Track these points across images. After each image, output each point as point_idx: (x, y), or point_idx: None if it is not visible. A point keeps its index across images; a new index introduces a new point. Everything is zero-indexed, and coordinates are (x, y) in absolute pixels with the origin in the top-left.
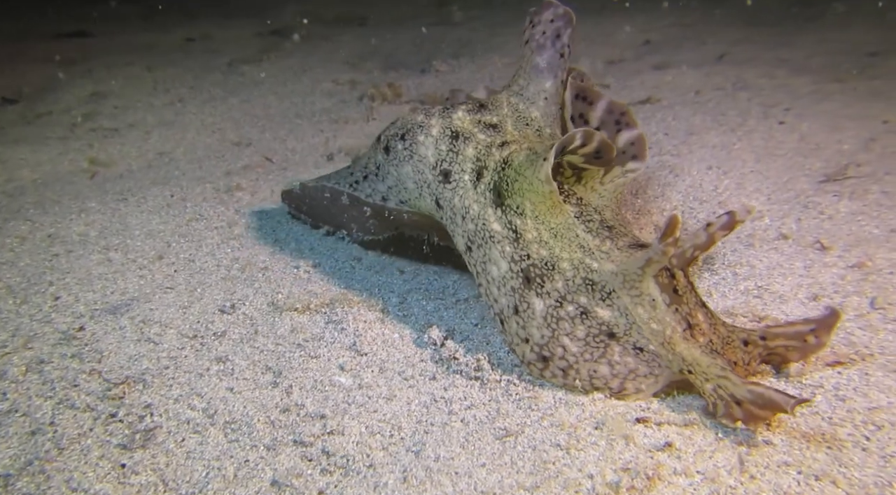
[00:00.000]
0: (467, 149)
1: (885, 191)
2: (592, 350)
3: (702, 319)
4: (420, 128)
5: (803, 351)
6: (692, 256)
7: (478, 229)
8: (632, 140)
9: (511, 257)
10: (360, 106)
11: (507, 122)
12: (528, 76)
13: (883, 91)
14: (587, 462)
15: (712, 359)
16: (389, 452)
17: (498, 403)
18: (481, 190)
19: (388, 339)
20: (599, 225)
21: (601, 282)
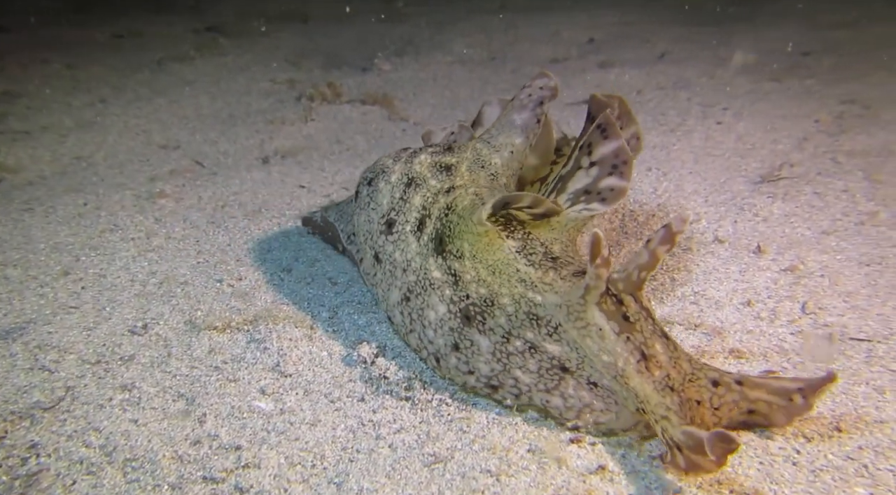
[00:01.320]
0: (415, 197)
1: (817, 191)
2: (546, 381)
3: (659, 350)
4: (383, 175)
5: (788, 412)
6: (640, 278)
7: (418, 280)
8: (614, 187)
9: (450, 299)
10: (298, 106)
11: (462, 164)
12: (501, 127)
13: (815, 90)
14: (518, 489)
15: (661, 397)
16: (310, 485)
17: (429, 425)
18: (424, 241)
19: (315, 358)
20: (543, 257)
21: (546, 317)
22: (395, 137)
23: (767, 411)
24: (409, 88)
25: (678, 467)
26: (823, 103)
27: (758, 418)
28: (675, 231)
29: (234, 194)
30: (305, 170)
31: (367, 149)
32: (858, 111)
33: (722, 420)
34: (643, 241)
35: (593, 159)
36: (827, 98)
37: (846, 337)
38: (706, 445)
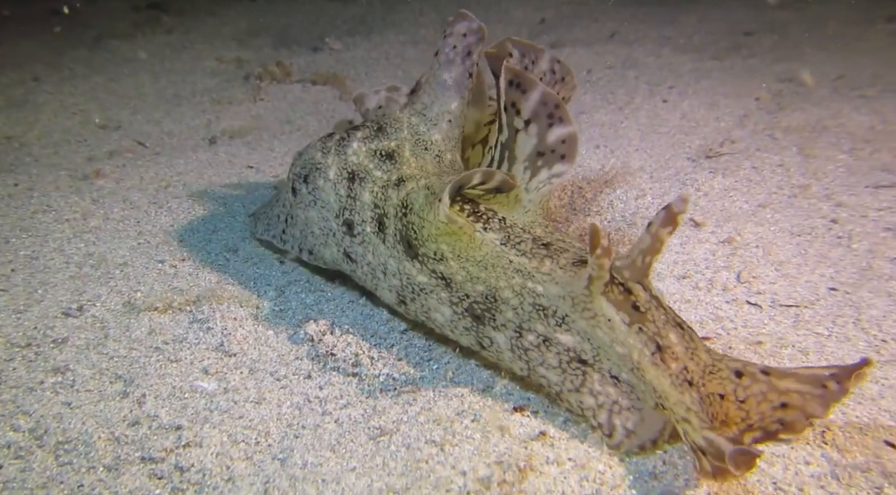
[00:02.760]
0: (364, 194)
1: (755, 166)
2: (572, 377)
3: (674, 341)
4: (318, 171)
5: (824, 400)
6: (645, 264)
7: (404, 284)
8: (563, 137)
9: (450, 301)
10: (246, 85)
11: (405, 147)
12: (433, 93)
13: (757, 68)
14: (461, 458)
15: (680, 394)
16: (253, 462)
17: (375, 400)
18: (390, 243)
19: (260, 337)
20: (533, 244)
21: (551, 307)
22: (347, 117)
23: (802, 402)
24: (361, 68)
25: (707, 475)
26: (763, 82)
27: (793, 413)
28: (677, 211)
29: (179, 175)
30: (254, 150)
31: (319, 129)
32: (795, 89)
33: (751, 415)
34: (645, 225)
35: (525, 117)
36: (767, 76)
37: (777, 303)
38: (727, 460)
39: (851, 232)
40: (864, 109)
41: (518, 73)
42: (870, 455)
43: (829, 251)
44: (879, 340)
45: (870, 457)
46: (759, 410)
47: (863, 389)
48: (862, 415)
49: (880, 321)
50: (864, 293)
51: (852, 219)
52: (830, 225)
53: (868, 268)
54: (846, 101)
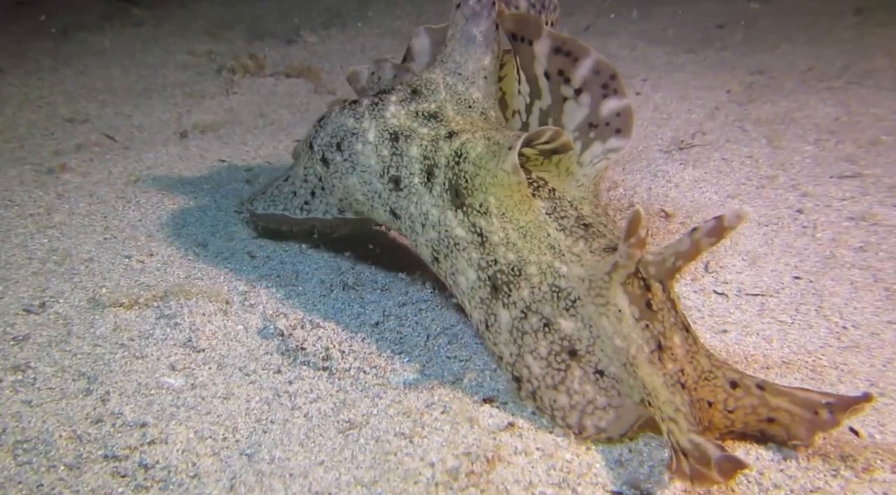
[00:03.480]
0: (411, 148)
1: (725, 157)
2: (554, 372)
3: (677, 343)
4: (355, 136)
5: (811, 426)
6: (675, 267)
7: (441, 237)
8: (618, 110)
9: (478, 264)
10: (218, 79)
11: (447, 107)
12: (464, 51)
13: (728, 61)
14: (430, 449)
15: (671, 394)
16: (220, 458)
17: (345, 393)
18: (437, 192)
19: (229, 332)
20: (575, 222)
21: (567, 289)
22: (322, 111)
23: (789, 422)
24: (335, 61)
25: (683, 475)
26: (735, 74)
27: (777, 429)
28: (727, 226)
29: (148, 169)
30: (226, 144)
31: (293, 122)
32: (766, 81)
33: (735, 424)
34: (689, 229)
35: (576, 86)
36: (738, 69)
37: (743, 293)
38: (713, 464)
39: (816, 221)
40: (831, 101)
41: (566, 40)
42: (830, 439)
43: (795, 240)
44: (840, 327)
45: (830, 441)
46: (744, 420)
47: (823, 376)
48: None
49: (841, 308)
50: (826, 281)
51: (817, 209)
52: (796, 215)
53: (831, 256)
54: (814, 93)
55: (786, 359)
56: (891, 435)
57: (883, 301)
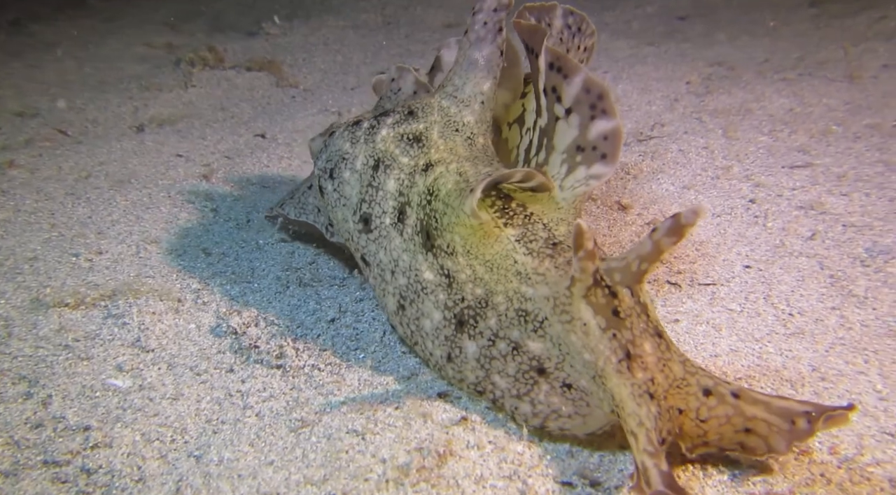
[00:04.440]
0: (388, 181)
1: (682, 149)
2: (520, 386)
3: (648, 350)
4: (345, 162)
5: (788, 437)
6: (640, 270)
7: (410, 283)
8: (605, 133)
9: (444, 305)
10: (177, 71)
11: (433, 130)
12: (465, 74)
13: (689, 53)
14: (382, 446)
15: (636, 406)
16: (167, 460)
17: (299, 391)
18: (408, 235)
19: (181, 331)
20: (544, 243)
21: (534, 311)
22: (284, 104)
23: (766, 433)
24: (298, 53)
25: (641, 492)
26: (695, 66)
27: (756, 441)
28: (685, 223)
29: (101, 164)
30: (184, 138)
31: (254, 116)
32: (724, 73)
33: (709, 434)
34: (648, 230)
35: (566, 105)
36: (698, 60)
37: (695, 282)
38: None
39: (767, 211)
40: (785, 92)
41: (559, 56)
42: None
43: (747, 230)
44: (787, 314)
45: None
46: (718, 431)
47: (768, 362)
48: (766, 386)
49: (788, 296)
50: (775, 270)
51: (769, 199)
52: (749, 205)
53: (781, 245)
54: (769, 84)
55: (734, 346)
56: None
57: (828, 288)
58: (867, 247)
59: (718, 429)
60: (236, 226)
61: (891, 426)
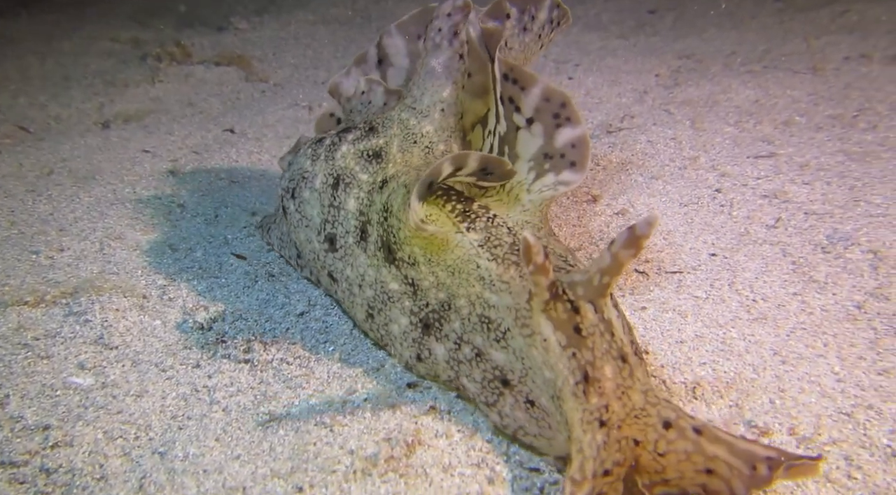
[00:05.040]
0: (349, 201)
1: (651, 140)
2: (488, 395)
3: (607, 375)
4: (305, 181)
5: (747, 482)
6: (603, 284)
7: (377, 294)
8: (573, 141)
9: (410, 311)
10: (143, 67)
11: (392, 144)
12: (423, 84)
13: (658, 46)
14: (350, 437)
15: (581, 432)
16: (130, 458)
17: (267, 385)
18: (371, 251)
19: (146, 328)
20: (509, 249)
21: (497, 320)
22: (254, 99)
23: (728, 475)
24: (268, 48)
25: None
26: (664, 59)
27: (718, 484)
28: (640, 234)
29: (63, 161)
30: (151, 134)
31: (223, 111)
32: (692, 65)
33: (668, 470)
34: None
35: (527, 115)
36: (667, 53)
37: (662, 270)
38: None
39: (733, 200)
40: (751, 84)
41: (512, 67)
42: (733, 406)
43: (713, 219)
44: (750, 300)
45: (733, 409)
46: (678, 468)
47: (731, 347)
48: (729, 370)
49: (752, 282)
50: (740, 257)
51: (734, 188)
52: (715, 194)
53: (745, 233)
54: (735, 76)
55: (699, 332)
56: (790, 401)
57: (790, 274)
58: (828, 234)
59: (678, 466)
60: (204, 221)
61: (847, 406)
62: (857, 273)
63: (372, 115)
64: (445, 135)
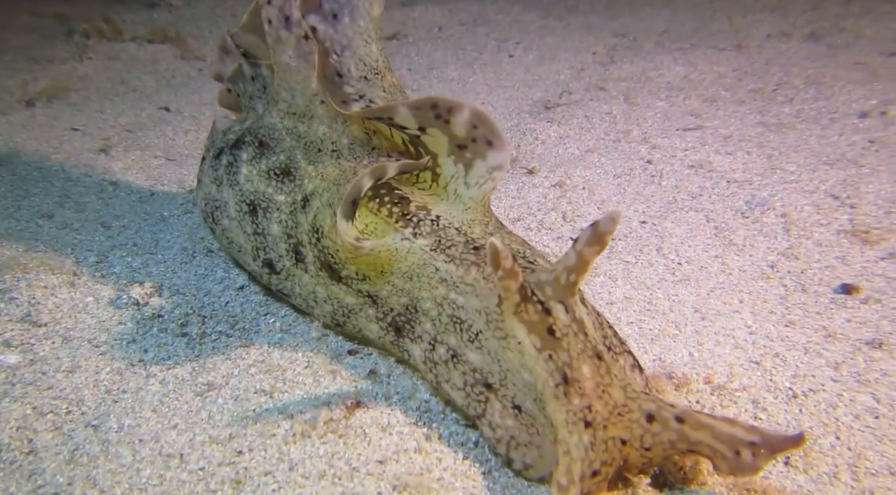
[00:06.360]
0: (272, 226)
1: (587, 115)
2: (475, 405)
3: (585, 374)
4: (219, 210)
5: (732, 467)
6: (570, 282)
7: (336, 308)
8: (470, 122)
9: (377, 317)
10: (70, 43)
11: (296, 156)
12: (287, 83)
13: (595, 25)
14: (290, 403)
15: (567, 433)
16: (62, 432)
17: (205, 357)
18: (313, 272)
19: (77, 304)
20: (464, 248)
21: (468, 321)
22: (190, 77)
23: (711, 456)
24: (204, 25)
25: None
26: (600, 37)
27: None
28: (603, 230)
29: None
30: (80, 112)
31: (157, 89)
32: (627, 43)
33: (654, 460)
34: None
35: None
36: (604, 32)
37: None
38: None
39: (662, 171)
40: (681, 60)
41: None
42: (656, 360)
43: (644, 188)
44: (675, 263)
45: (656, 363)
46: (664, 456)
47: (656, 306)
48: (654, 328)
49: (678, 247)
50: (667, 224)
51: (664, 160)
52: (646, 165)
53: (673, 201)
54: (667, 54)
55: (627, 294)
56: (706, 353)
57: (712, 238)
58: (747, 201)
59: (663, 455)
60: (139, 199)
61: (756, 356)
62: (772, 235)
63: (255, 127)
64: (342, 128)
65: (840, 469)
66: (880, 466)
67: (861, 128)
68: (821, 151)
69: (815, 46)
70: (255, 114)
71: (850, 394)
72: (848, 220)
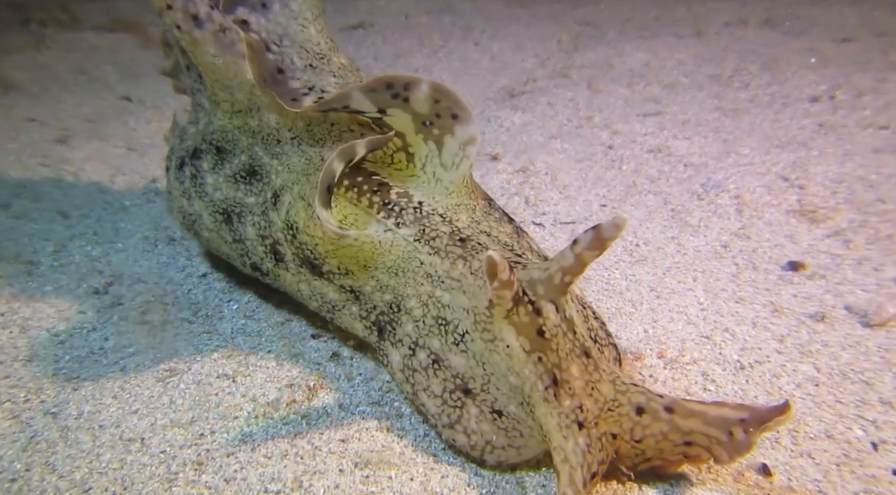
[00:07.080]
0: (248, 230)
1: (551, 102)
2: (450, 411)
3: (574, 374)
4: (194, 222)
5: (729, 449)
6: (563, 282)
7: (322, 303)
8: (430, 97)
9: (360, 316)
10: (26, 32)
11: (257, 153)
12: (219, 81)
13: (559, 14)
14: (252, 386)
15: (563, 438)
16: (20, 420)
17: (168, 344)
18: (294, 269)
19: (35, 294)
20: (449, 239)
21: (454, 321)
22: (153, 66)
23: (707, 444)
24: None
25: None
26: (565, 25)
27: (698, 450)
28: (606, 236)
29: None
30: (39, 102)
31: (119, 79)
32: (591, 31)
33: (647, 452)
34: (570, 243)
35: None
36: (568, 20)
37: (557, 222)
38: None
39: (623, 155)
40: (643, 48)
41: None
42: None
43: (605, 173)
44: (633, 245)
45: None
46: (657, 448)
47: (614, 286)
48: (611, 307)
49: (636, 228)
50: (627, 207)
51: (624, 145)
52: (607, 150)
53: (633, 185)
54: (629, 41)
55: (586, 275)
56: (660, 329)
57: (669, 220)
58: (702, 183)
59: (656, 446)
60: (99, 189)
61: (707, 331)
62: (725, 216)
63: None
64: (295, 113)
65: (781, 433)
66: (818, 430)
67: (811, 113)
68: (773, 135)
69: (770, 33)
70: (204, 112)
71: (793, 365)
72: (797, 201)
